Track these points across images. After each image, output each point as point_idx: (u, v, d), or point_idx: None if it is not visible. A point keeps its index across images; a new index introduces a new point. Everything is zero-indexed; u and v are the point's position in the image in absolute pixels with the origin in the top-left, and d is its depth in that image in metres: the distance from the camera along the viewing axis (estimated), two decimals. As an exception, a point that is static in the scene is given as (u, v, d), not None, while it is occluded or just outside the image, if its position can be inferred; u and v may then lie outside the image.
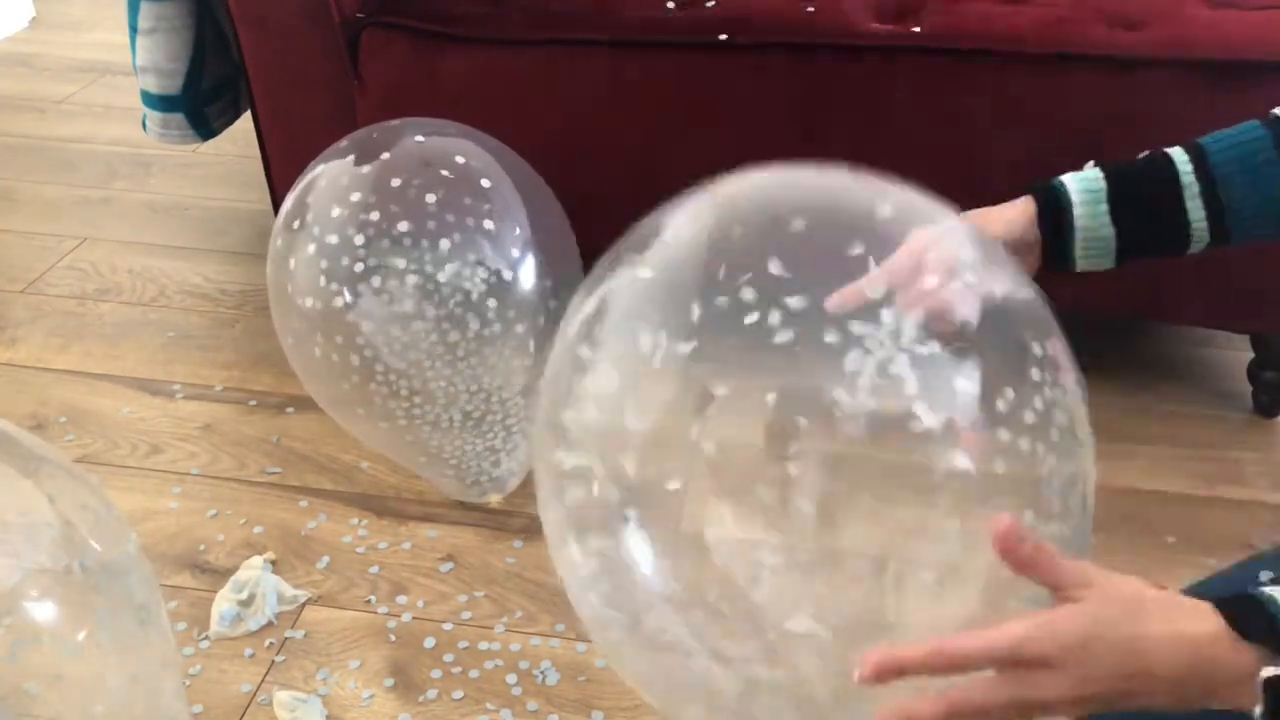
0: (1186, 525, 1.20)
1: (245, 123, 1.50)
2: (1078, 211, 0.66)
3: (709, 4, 1.26)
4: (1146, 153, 0.70)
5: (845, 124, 1.23)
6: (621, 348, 0.59)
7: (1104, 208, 0.66)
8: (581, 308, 0.63)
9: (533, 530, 1.19)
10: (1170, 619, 0.51)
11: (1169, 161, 0.68)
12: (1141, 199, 0.67)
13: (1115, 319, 1.39)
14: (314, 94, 1.35)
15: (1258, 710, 0.50)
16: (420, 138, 1.06)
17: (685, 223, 0.60)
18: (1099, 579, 0.52)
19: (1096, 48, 1.17)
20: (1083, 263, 0.67)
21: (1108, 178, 0.67)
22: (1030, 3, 1.24)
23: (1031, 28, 1.19)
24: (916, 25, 1.20)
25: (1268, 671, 0.49)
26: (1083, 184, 0.66)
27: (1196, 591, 0.72)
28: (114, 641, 0.71)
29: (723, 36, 1.20)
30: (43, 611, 0.68)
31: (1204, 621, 0.51)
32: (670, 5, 1.26)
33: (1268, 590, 0.51)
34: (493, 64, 1.26)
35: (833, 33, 1.20)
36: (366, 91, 1.30)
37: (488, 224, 1.03)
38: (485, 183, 1.04)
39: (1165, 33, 1.18)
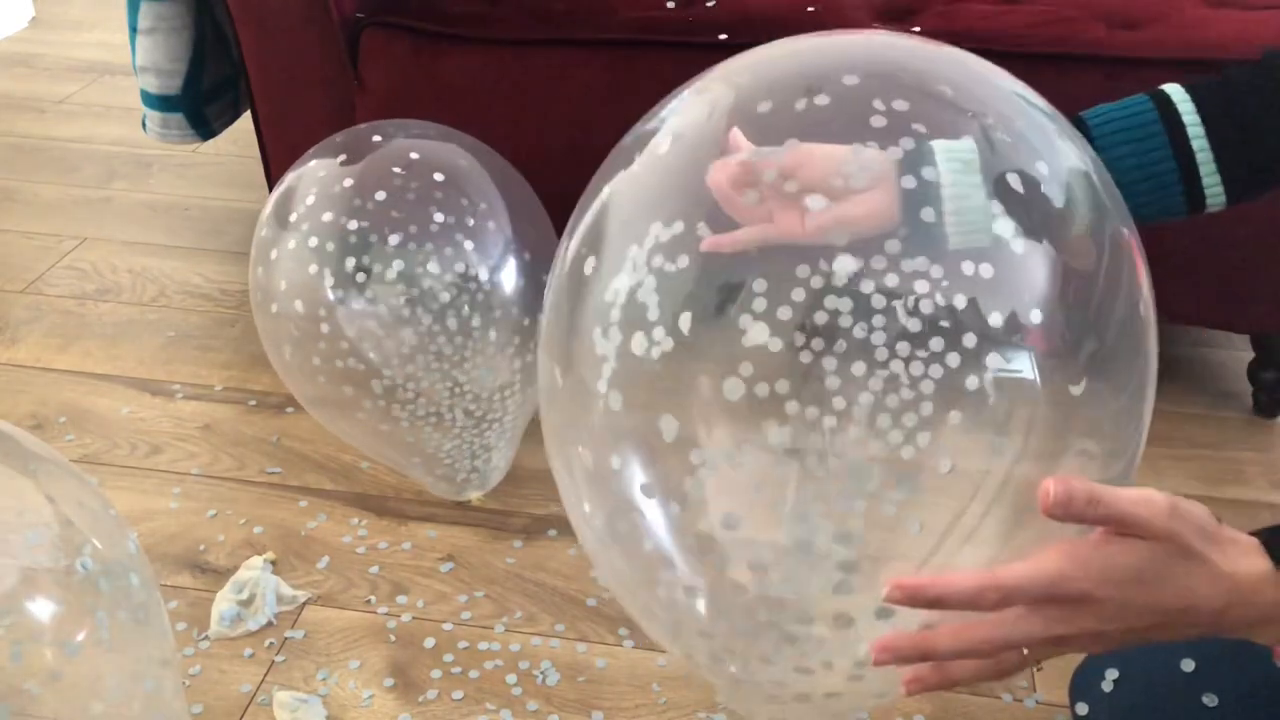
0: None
1: (245, 123, 1.50)
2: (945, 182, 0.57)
3: (709, 3, 1.26)
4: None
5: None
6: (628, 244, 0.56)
7: (977, 178, 0.57)
8: (580, 220, 0.60)
9: (533, 530, 1.20)
10: (1224, 554, 0.51)
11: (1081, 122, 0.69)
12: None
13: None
14: (314, 94, 1.35)
15: None
16: (380, 138, 1.06)
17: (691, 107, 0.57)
18: (1166, 527, 0.50)
19: (1096, 48, 1.17)
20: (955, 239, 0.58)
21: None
22: (1030, 2, 1.24)
23: (1031, 28, 1.19)
24: (916, 25, 1.20)
25: None
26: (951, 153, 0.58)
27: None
28: (113, 641, 0.71)
29: (723, 36, 1.20)
30: (42, 611, 0.68)
31: (1253, 560, 0.52)
32: (670, 5, 1.26)
33: None
34: (493, 64, 1.26)
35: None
36: (366, 92, 1.30)
37: (469, 223, 1.03)
38: (466, 184, 1.05)
39: (1165, 33, 1.18)
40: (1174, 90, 0.69)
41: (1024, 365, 0.52)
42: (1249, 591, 0.51)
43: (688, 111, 0.59)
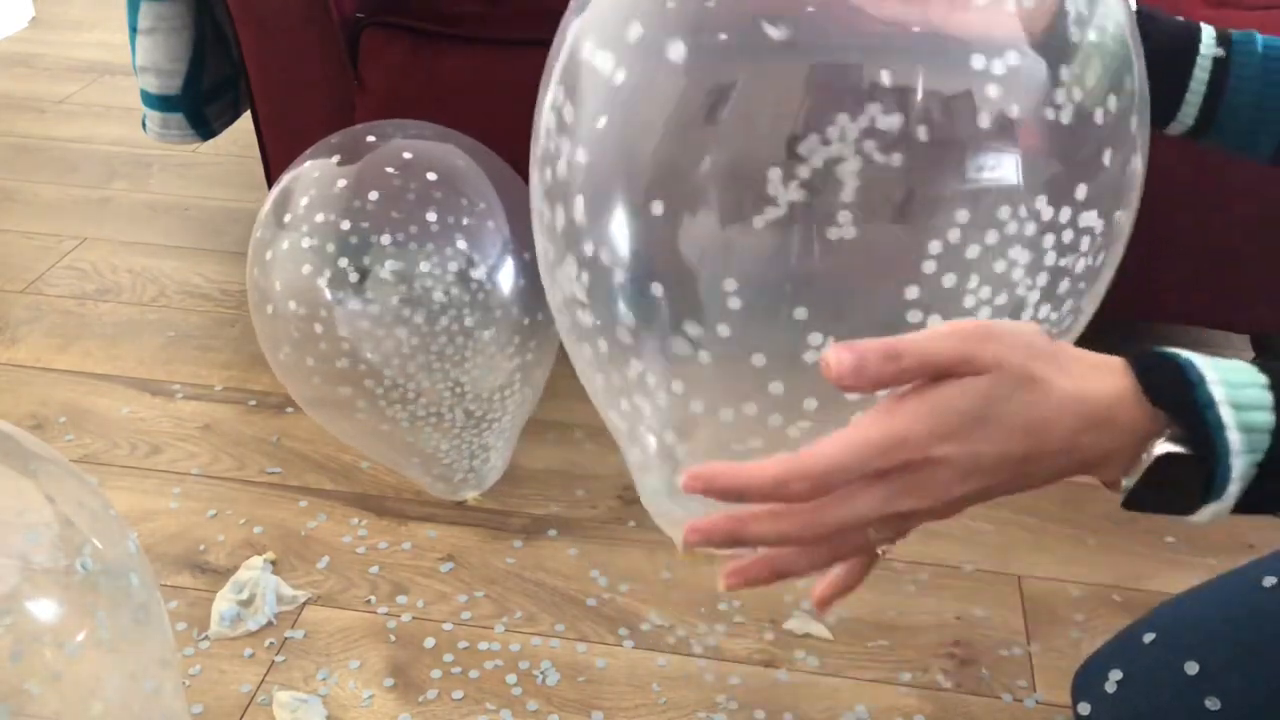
0: (1187, 525, 1.20)
1: (245, 123, 1.50)
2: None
3: (708, 4, 1.26)
4: (1179, 17, 0.70)
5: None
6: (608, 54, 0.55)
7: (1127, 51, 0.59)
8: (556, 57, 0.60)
9: (533, 530, 1.20)
10: (1067, 374, 0.43)
11: (1196, 28, 0.68)
12: (1148, 54, 0.62)
13: (1115, 320, 1.39)
14: (314, 94, 1.35)
15: (1125, 481, 0.45)
16: (376, 138, 1.06)
17: None
18: (986, 355, 0.42)
19: (1097, 47, 1.16)
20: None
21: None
22: (1030, 2, 1.24)
23: (1032, 27, 1.19)
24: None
25: (1161, 448, 0.44)
26: None
27: (1200, 591, 0.72)
28: (113, 641, 0.71)
29: (723, 36, 1.20)
30: (42, 611, 0.68)
31: (1111, 379, 0.44)
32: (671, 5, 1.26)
33: (1186, 354, 0.46)
34: (493, 64, 1.26)
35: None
36: (366, 92, 1.30)
37: (467, 223, 1.03)
38: (464, 184, 1.05)
39: (1165, 32, 1.18)
40: None
41: (1010, 173, 0.49)
42: (1102, 415, 0.44)
43: None
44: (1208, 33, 0.70)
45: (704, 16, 0.55)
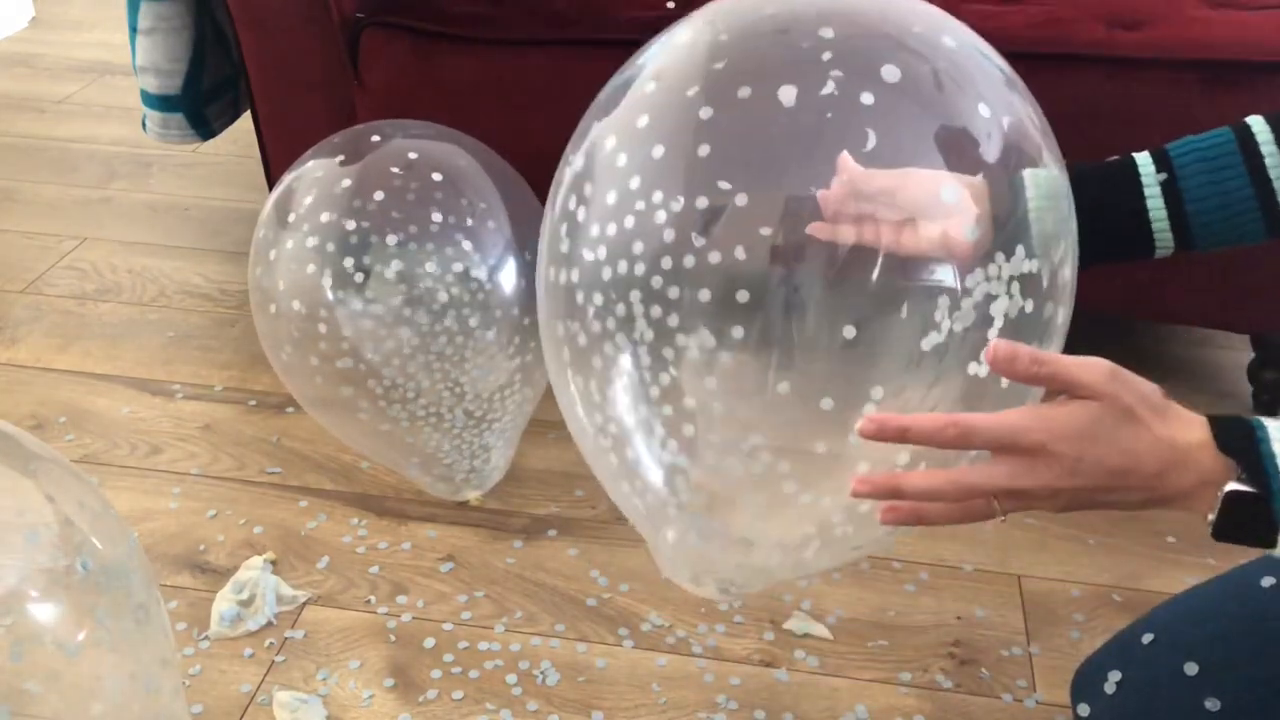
0: (1187, 525, 1.20)
1: (245, 123, 1.50)
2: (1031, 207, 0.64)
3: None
4: (1114, 157, 0.72)
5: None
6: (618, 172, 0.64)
7: (1063, 201, 0.64)
8: (570, 163, 0.69)
9: (533, 530, 1.20)
10: (1166, 423, 0.55)
11: (1131, 163, 0.71)
12: (1101, 200, 0.68)
13: (1115, 319, 1.39)
14: (314, 94, 1.35)
15: (1210, 516, 0.56)
16: (379, 138, 1.06)
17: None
18: (1106, 388, 0.54)
19: (1096, 48, 1.17)
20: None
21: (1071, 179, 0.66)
22: (1029, 2, 1.24)
23: (1030, 27, 1.19)
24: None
25: (1230, 486, 0.55)
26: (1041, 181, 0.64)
27: (1199, 591, 0.72)
28: (113, 641, 0.71)
29: (723, 36, 1.20)
30: (43, 611, 0.68)
31: (1194, 430, 0.56)
32: (670, 5, 1.26)
33: (1263, 419, 0.56)
34: (493, 64, 1.26)
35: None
36: (366, 92, 1.30)
37: (468, 223, 1.03)
38: (465, 184, 1.05)
39: (1165, 33, 1.18)
40: (1254, 120, 0.71)
41: (948, 276, 0.59)
42: (1187, 458, 0.55)
43: (669, 53, 0.69)
44: (1143, 160, 0.71)
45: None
